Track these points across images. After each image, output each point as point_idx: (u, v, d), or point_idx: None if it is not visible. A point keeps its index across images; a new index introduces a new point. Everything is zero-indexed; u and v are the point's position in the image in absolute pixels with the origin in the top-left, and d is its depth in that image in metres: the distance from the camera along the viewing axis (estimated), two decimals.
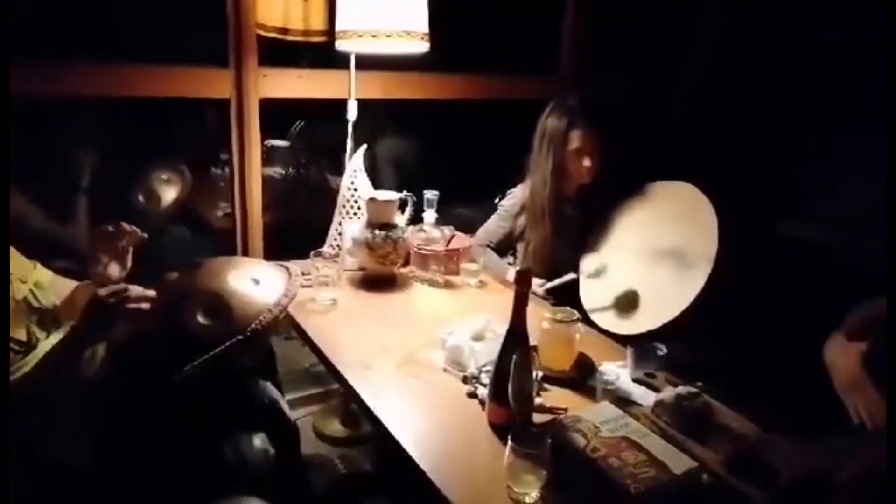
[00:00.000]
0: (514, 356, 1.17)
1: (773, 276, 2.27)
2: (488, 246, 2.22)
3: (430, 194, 2.00)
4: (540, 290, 1.97)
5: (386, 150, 2.97)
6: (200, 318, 1.26)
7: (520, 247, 2.18)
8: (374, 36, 1.82)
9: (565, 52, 2.72)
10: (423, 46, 1.93)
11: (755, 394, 1.59)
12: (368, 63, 2.18)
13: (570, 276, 1.95)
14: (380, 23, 1.83)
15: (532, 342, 1.48)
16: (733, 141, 2.67)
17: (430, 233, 1.95)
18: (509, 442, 1.03)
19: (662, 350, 1.46)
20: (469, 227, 2.26)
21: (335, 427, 2.32)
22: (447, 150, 2.97)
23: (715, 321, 1.83)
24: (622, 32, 2.83)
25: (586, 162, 1.97)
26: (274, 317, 1.31)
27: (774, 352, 1.91)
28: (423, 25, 1.90)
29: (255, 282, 1.37)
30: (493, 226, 2.21)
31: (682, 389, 1.22)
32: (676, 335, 1.76)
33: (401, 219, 1.96)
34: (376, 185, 2.13)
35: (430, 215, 2.00)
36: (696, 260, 1.75)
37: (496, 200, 2.25)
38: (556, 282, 1.95)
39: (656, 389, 1.33)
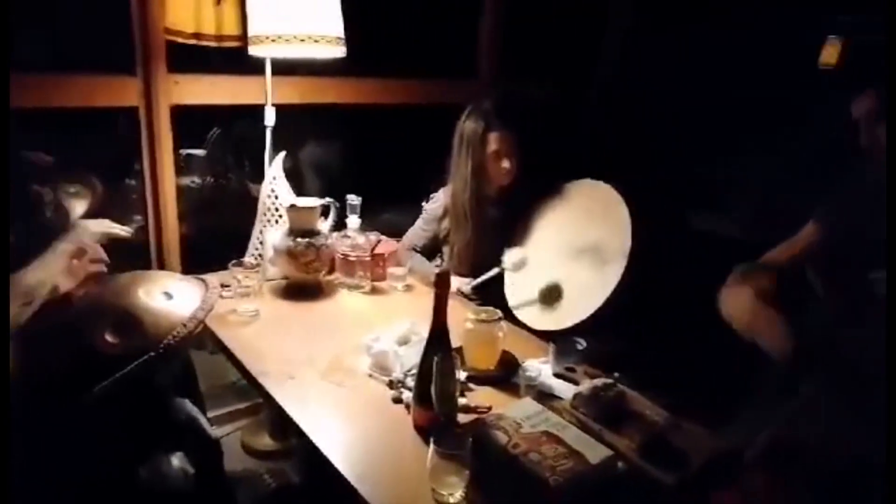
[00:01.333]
0: (436, 358, 1.18)
1: (686, 268, 2.38)
2: (414, 250, 2.23)
3: (353, 200, 1.98)
4: (466, 288, 1.99)
5: (310, 156, 2.93)
6: (109, 337, 1.21)
7: (445, 249, 2.20)
8: (287, 41, 1.79)
9: (483, 55, 2.77)
10: (338, 51, 1.92)
11: (668, 381, 1.67)
12: (288, 68, 2.15)
13: (495, 270, 1.98)
14: (293, 27, 1.80)
15: (457, 343, 1.51)
16: (647, 139, 2.79)
17: (355, 238, 1.94)
18: (431, 444, 1.04)
19: (582, 344, 1.51)
20: (398, 232, 2.26)
21: (264, 441, 2.26)
22: (373, 154, 2.96)
23: (631, 314, 1.91)
24: (540, 34, 2.90)
25: (505, 163, 2.01)
26: (189, 331, 1.28)
27: (688, 340, 2.01)
28: (338, 30, 1.89)
29: (167, 296, 1.32)
30: (418, 230, 2.23)
31: (598, 381, 1.26)
32: (596, 329, 1.83)
33: (324, 225, 1.94)
34: (301, 192, 2.10)
35: (353, 221, 1.99)
36: (613, 255, 1.81)
37: (423, 204, 2.27)
38: (482, 277, 1.98)
39: (576, 383, 1.37)
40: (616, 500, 1.07)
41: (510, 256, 1.97)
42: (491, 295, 2.04)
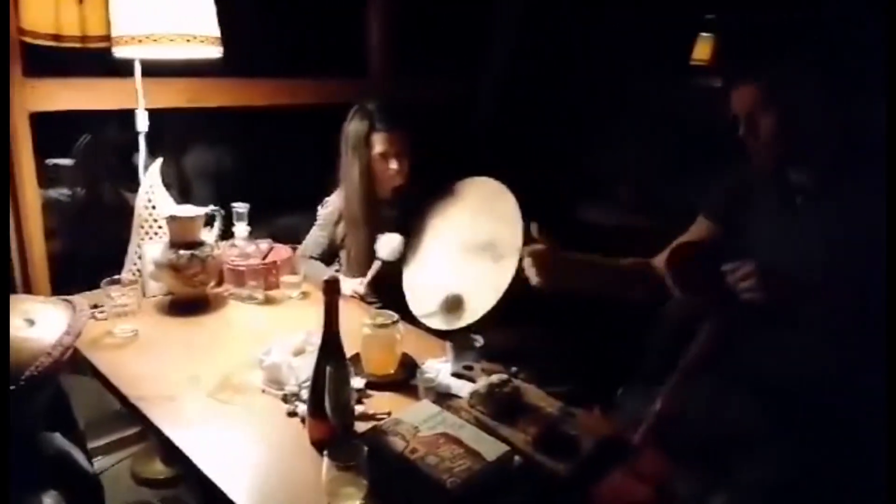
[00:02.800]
0: (329, 368, 1.14)
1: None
2: (313, 257, 2.17)
3: (240, 207, 1.89)
4: (361, 289, 1.96)
5: (197, 163, 2.77)
6: None
7: (343, 254, 2.15)
8: (156, 41, 1.68)
9: (373, 52, 2.74)
10: (214, 51, 1.83)
11: (565, 370, 1.72)
12: (173, 70, 2.02)
13: (377, 263, 1.94)
14: (161, 26, 1.69)
15: (355, 349, 1.48)
16: (534, 133, 2.87)
17: (244, 247, 1.86)
18: (325, 457, 1.01)
19: (480, 341, 1.52)
20: (299, 238, 2.20)
21: (155, 468, 2.12)
22: (268, 157, 2.86)
23: (526, 307, 1.95)
24: (430, 32, 2.91)
25: (393, 164, 1.99)
26: (54, 360, 1.16)
27: (579, 331, 2.08)
28: (212, 29, 1.79)
29: (28, 322, 1.20)
30: (315, 236, 2.17)
31: (494, 378, 1.27)
32: (493, 325, 1.85)
33: (209, 235, 1.84)
34: (188, 201, 1.98)
35: (241, 229, 1.89)
36: (507, 250, 1.84)
37: (319, 209, 2.21)
38: (370, 273, 1.94)
39: (474, 381, 1.38)
40: (513, 495, 1.08)
41: (383, 245, 1.93)
42: (390, 293, 2.02)
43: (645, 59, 2.95)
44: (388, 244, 1.90)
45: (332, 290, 1.16)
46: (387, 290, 2.07)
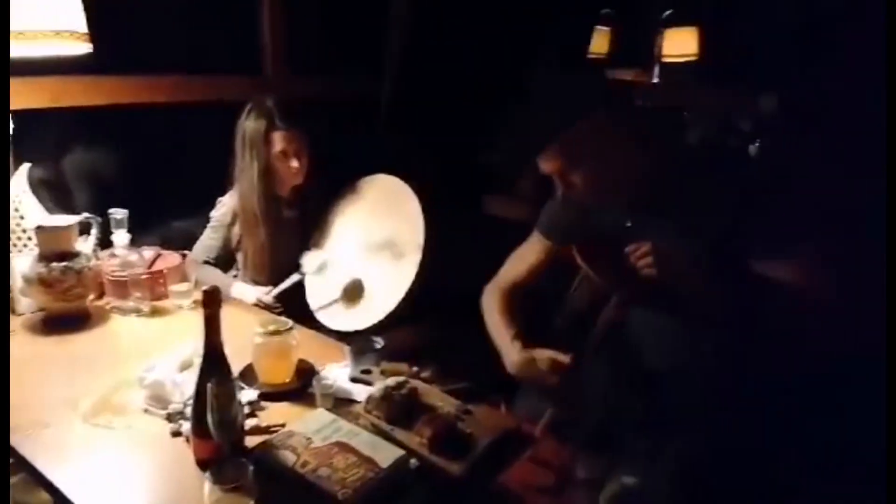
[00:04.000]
0: (210, 384, 1.08)
1: (480, 254, 2.48)
2: (206, 262, 2.06)
3: (118, 213, 1.76)
4: (267, 298, 1.89)
5: (77, 167, 2.57)
6: None
7: (239, 257, 2.07)
8: (13, 38, 1.53)
9: (267, 49, 2.63)
10: (83, 48, 1.68)
11: (468, 367, 1.72)
12: (36, 68, 1.85)
13: (295, 276, 1.90)
14: (21, 22, 1.54)
15: (248, 360, 1.41)
16: (436, 128, 2.85)
17: (126, 256, 1.73)
18: (206, 479, 0.95)
19: (379, 343, 1.49)
20: (192, 243, 2.09)
21: (41, 497, 1.96)
22: (158, 158, 2.69)
23: (429, 305, 1.94)
24: (328, 28, 2.83)
25: (293, 163, 1.92)
26: None
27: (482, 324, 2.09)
28: (79, 24, 1.65)
29: None
30: (207, 240, 2.07)
31: (391, 381, 1.25)
32: (396, 324, 1.83)
33: (85, 245, 1.71)
34: (69, 208, 1.84)
35: (121, 237, 1.76)
36: (408, 248, 1.82)
37: (212, 213, 2.11)
38: (283, 285, 1.89)
39: (372, 384, 1.35)
40: (410, 499, 1.06)
41: (309, 261, 1.91)
42: (296, 301, 1.96)
43: (543, 52, 3.00)
44: (315, 261, 1.87)
45: (211, 300, 1.10)
46: (295, 300, 2.01)
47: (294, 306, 1.97)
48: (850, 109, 2.56)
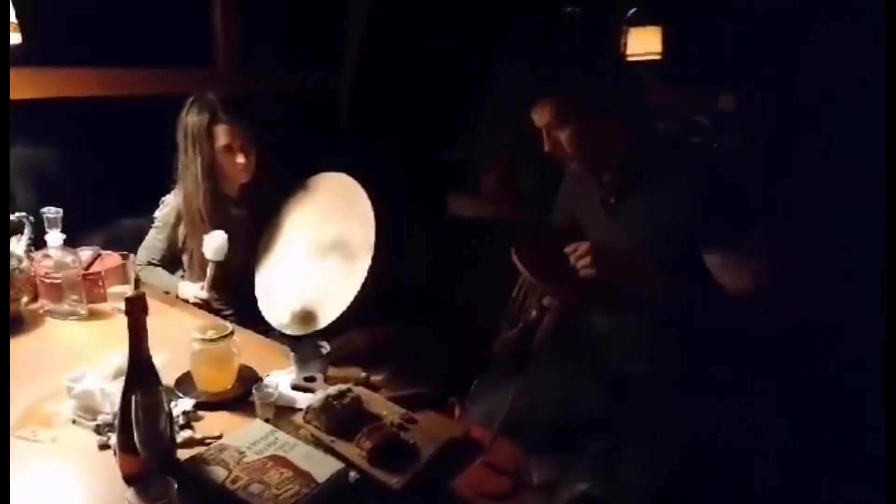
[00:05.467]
0: (135, 397, 1.02)
1: (442, 253, 2.45)
2: (151, 263, 1.99)
3: (51, 212, 1.67)
4: (202, 294, 1.82)
5: (14, 163, 2.45)
6: None
7: (185, 258, 1.99)
8: None
9: (219, 40, 2.55)
10: (12, 38, 1.60)
11: (419, 371, 1.68)
12: None
13: (211, 265, 1.80)
14: None
15: (185, 367, 1.35)
16: (398, 123, 2.80)
17: (61, 257, 1.65)
18: (127, 498, 0.90)
19: (326, 348, 1.43)
20: (139, 243, 2.01)
21: None
22: (102, 154, 2.58)
23: (387, 306, 1.89)
24: (284, 19, 2.76)
25: (239, 158, 1.85)
26: None
27: (434, 326, 2.06)
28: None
29: None
30: (151, 240, 1.99)
31: (332, 389, 1.20)
32: (350, 327, 1.78)
33: (17, 245, 1.62)
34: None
35: (54, 237, 1.68)
36: (359, 249, 1.77)
37: (156, 214, 2.03)
38: (207, 278, 1.80)
39: (314, 392, 1.30)
40: None
41: (209, 243, 1.80)
42: (241, 297, 1.90)
43: (505, 46, 2.97)
44: (211, 243, 1.77)
45: (136, 308, 1.04)
46: (235, 294, 1.94)
47: (245, 310, 1.91)
48: (807, 107, 2.59)
